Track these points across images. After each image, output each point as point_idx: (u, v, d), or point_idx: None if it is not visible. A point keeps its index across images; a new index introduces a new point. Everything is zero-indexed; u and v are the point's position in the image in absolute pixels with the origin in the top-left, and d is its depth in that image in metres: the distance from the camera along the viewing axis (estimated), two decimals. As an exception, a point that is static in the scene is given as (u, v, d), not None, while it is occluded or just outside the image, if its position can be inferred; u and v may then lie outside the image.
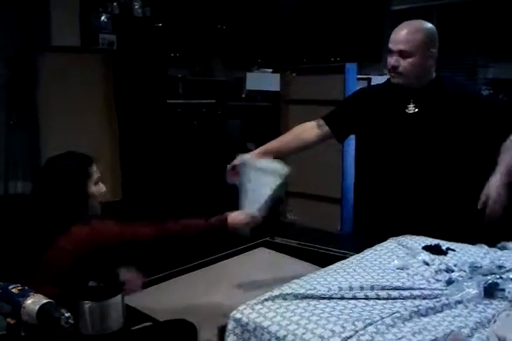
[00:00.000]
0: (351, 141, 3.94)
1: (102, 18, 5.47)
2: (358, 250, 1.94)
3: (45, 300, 1.30)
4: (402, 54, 2.07)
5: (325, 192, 4.08)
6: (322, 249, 3.29)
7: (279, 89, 4.37)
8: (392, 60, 2.09)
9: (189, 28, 6.38)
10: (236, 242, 3.41)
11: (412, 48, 2.06)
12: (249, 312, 1.42)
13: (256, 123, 5.69)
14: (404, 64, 2.07)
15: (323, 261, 2.32)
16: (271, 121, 4.65)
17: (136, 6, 5.76)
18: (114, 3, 5.58)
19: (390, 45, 2.11)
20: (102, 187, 1.74)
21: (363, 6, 6.48)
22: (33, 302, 1.30)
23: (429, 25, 2.16)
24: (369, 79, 4.48)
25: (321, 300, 1.45)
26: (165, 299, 1.97)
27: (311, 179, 4.19)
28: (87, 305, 1.41)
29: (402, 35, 2.08)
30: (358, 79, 4.05)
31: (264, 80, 5.67)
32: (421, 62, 2.07)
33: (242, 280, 2.75)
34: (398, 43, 2.07)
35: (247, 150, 5.96)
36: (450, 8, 6.16)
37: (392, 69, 2.11)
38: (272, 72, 5.92)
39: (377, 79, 4.86)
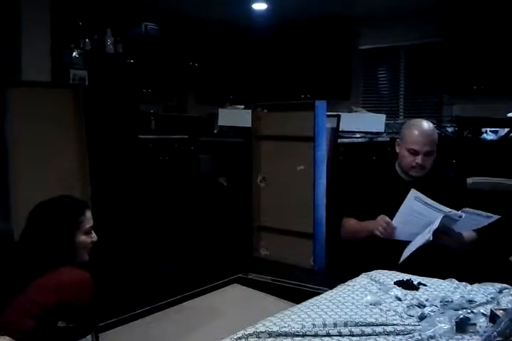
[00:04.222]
0: (323, 176, 3.99)
1: (74, 53, 5.50)
2: (332, 285, 1.95)
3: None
4: (428, 153, 2.36)
5: (297, 227, 4.09)
6: (296, 285, 3.27)
7: (250, 125, 4.42)
8: (419, 160, 2.36)
9: (161, 64, 6.45)
10: (209, 279, 3.37)
11: (434, 147, 2.39)
12: (223, 351, 1.40)
13: (228, 159, 5.72)
14: (428, 161, 2.38)
15: (297, 297, 2.31)
16: (243, 156, 4.68)
17: (108, 43, 5.82)
18: (86, 40, 5.63)
19: (415, 147, 2.36)
20: (92, 237, 1.71)
21: (331, 46, 6.69)
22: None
23: (431, 123, 2.49)
24: (338, 116, 4.57)
25: (295, 338, 1.44)
26: (136, 339, 1.92)
27: (284, 214, 4.20)
28: (56, 346, 1.37)
29: (426, 138, 2.36)
30: (328, 115, 4.13)
31: (236, 116, 5.72)
32: (434, 156, 2.41)
33: (215, 319, 2.71)
34: (425, 146, 2.35)
35: (219, 185, 5.97)
36: (416, 49, 6.41)
37: (418, 167, 2.37)
38: (244, 109, 6.00)
39: (346, 116, 4.99)
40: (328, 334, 1.46)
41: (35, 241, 1.63)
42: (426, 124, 2.43)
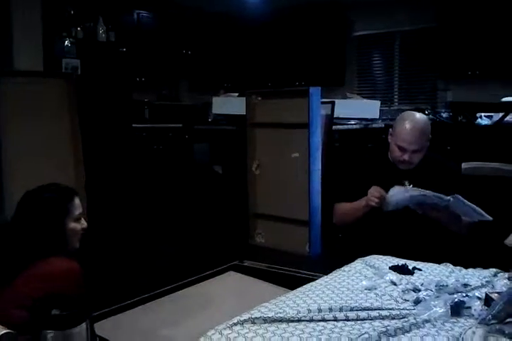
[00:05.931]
0: (318, 163, 3.98)
1: (66, 42, 5.45)
2: (327, 271, 1.95)
3: (4, 331, 1.26)
4: (415, 151, 2.40)
5: (293, 215, 4.08)
6: (291, 272, 3.28)
7: (245, 113, 4.39)
8: (406, 157, 2.40)
9: (154, 52, 6.40)
10: (205, 267, 3.38)
11: (423, 145, 2.42)
12: (218, 337, 1.40)
13: (223, 147, 5.71)
14: (416, 157, 2.42)
15: (293, 283, 2.31)
16: (237, 144, 4.66)
17: (101, 31, 5.77)
18: (78, 28, 5.58)
19: (404, 145, 2.38)
20: (82, 223, 1.70)
21: (325, 32, 6.64)
22: (-8, 333, 1.25)
23: (425, 117, 2.54)
24: (333, 103, 4.54)
25: (290, 323, 1.44)
26: (132, 327, 1.93)
27: (279, 201, 4.19)
28: (50, 334, 1.37)
29: (415, 136, 2.38)
30: (322, 102, 4.10)
31: (230, 104, 5.69)
32: (425, 150, 2.44)
33: (211, 305, 2.72)
34: (412, 145, 2.38)
35: (214, 173, 5.96)
36: (411, 35, 6.37)
37: (405, 162, 2.42)
38: (238, 96, 5.97)
39: (341, 103, 4.96)
40: (323, 319, 1.46)
41: (25, 230, 1.62)
42: (418, 121, 2.42)
